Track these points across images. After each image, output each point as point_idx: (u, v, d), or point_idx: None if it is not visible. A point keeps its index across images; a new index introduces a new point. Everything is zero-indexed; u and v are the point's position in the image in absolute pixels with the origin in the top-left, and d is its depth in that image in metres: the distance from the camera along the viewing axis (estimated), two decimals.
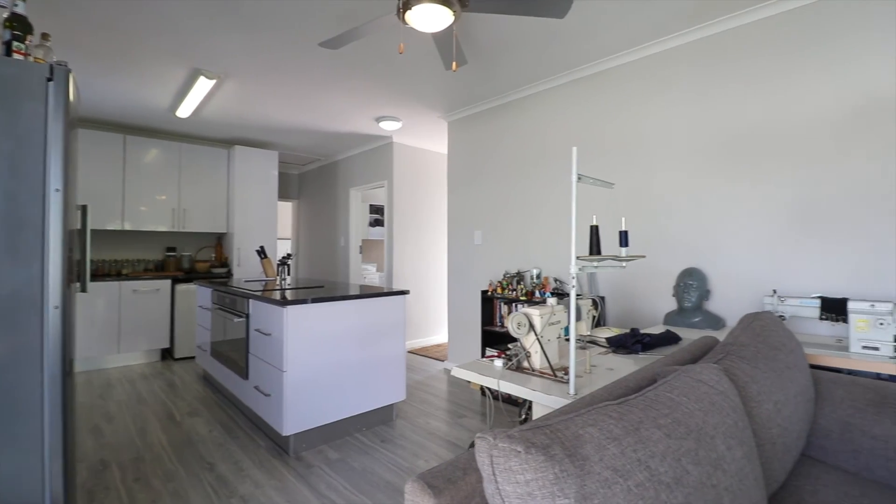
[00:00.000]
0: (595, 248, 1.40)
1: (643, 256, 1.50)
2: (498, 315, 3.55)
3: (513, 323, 1.59)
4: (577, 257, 1.36)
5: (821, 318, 1.90)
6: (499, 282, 3.52)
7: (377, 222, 7.61)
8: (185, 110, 4.19)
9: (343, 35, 2.31)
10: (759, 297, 2.39)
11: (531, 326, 1.56)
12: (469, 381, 1.61)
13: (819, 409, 1.56)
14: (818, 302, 1.91)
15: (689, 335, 2.24)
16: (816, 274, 2.22)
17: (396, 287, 5.29)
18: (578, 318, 1.76)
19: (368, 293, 2.88)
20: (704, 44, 2.65)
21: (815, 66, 2.26)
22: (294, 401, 2.50)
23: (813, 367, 1.82)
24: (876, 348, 1.75)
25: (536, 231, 3.53)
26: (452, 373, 1.60)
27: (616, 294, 3.01)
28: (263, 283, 3.72)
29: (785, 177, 2.34)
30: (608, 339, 1.93)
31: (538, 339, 1.54)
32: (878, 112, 2.09)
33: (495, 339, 3.50)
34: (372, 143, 5.57)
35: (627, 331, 2.02)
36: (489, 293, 3.57)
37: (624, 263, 1.44)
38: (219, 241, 5.65)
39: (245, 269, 5.36)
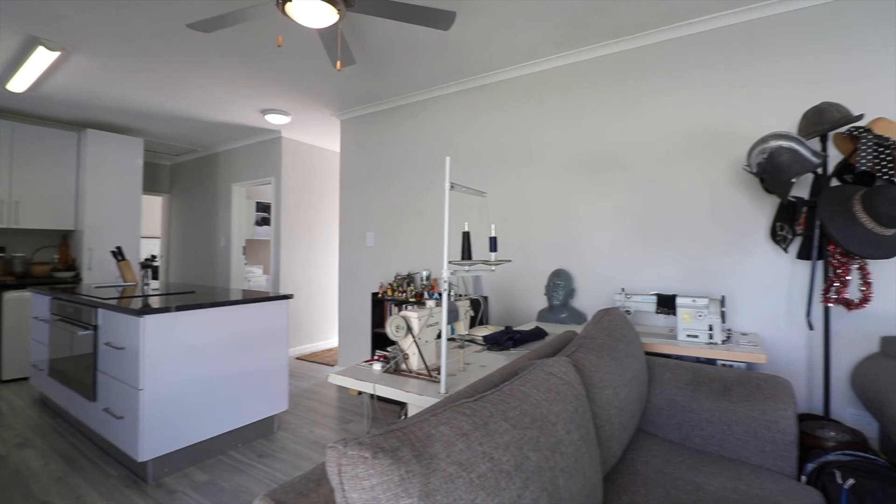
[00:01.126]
0: (466, 253, 1.47)
1: (509, 260, 1.62)
2: (388, 317, 3.55)
3: (391, 326, 1.61)
4: (449, 262, 1.42)
5: (657, 312, 2.23)
6: (389, 284, 3.53)
7: (264, 221, 7.13)
8: (19, 84, 3.50)
9: (216, 19, 2.12)
10: (614, 294, 2.73)
11: (409, 329, 1.59)
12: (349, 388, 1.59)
13: (652, 389, 1.82)
14: (655, 298, 2.24)
15: (555, 330, 2.47)
16: (657, 274, 2.61)
17: (284, 291, 5.00)
18: (456, 318, 1.84)
19: (246, 298, 2.68)
20: (571, 69, 2.95)
21: (657, 97, 2.65)
22: (152, 422, 2.23)
23: (650, 354, 2.13)
24: (696, 336, 2.11)
25: (427, 233, 3.61)
26: (329, 379, 1.57)
27: (498, 294, 3.20)
28: (120, 289, 3.26)
29: (633, 190, 2.71)
30: (484, 338, 2.05)
31: (415, 341, 1.58)
32: (703, 139, 2.52)
33: (386, 341, 3.50)
34: (258, 136, 5.20)
35: (502, 329, 2.16)
36: (379, 295, 3.56)
37: (493, 267, 1.54)
38: (64, 239, 4.81)
39: (99, 273, 4.64)
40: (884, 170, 1.77)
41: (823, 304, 1.99)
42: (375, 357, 1.74)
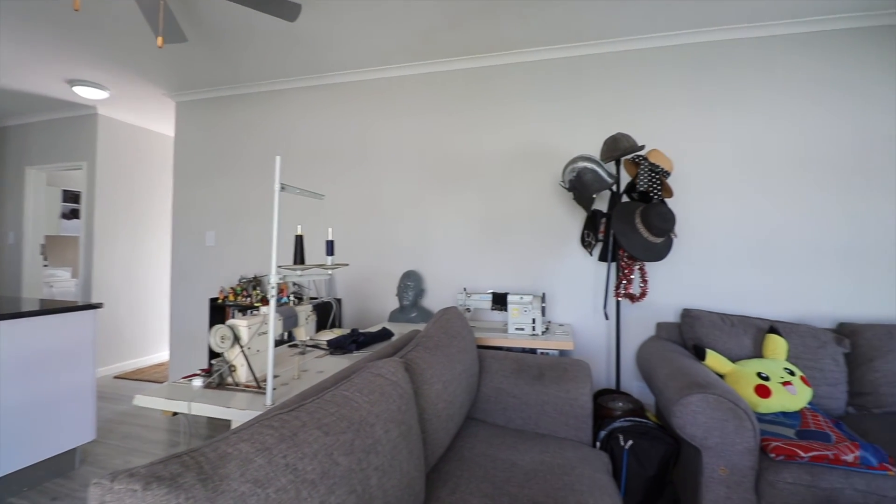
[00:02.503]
0: (299, 256, 1.43)
1: (346, 264, 1.62)
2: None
3: (215, 337, 1.48)
4: (280, 266, 1.36)
5: (492, 309, 2.46)
6: (232, 288, 3.23)
7: (75, 214, 5.90)
8: None
9: None
10: (457, 293, 2.93)
11: (237, 338, 1.48)
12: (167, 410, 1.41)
13: (482, 380, 2.01)
14: (490, 296, 2.47)
15: (405, 330, 2.55)
16: (495, 274, 2.87)
17: (99, 297, 4.21)
18: (295, 324, 1.77)
19: (34, 310, 2.19)
20: (425, 79, 3.08)
21: (499, 114, 2.92)
22: None
23: (485, 347, 2.34)
24: (523, 329, 2.38)
25: (280, 231, 3.39)
26: (134, 402, 1.37)
27: (352, 295, 3.18)
28: None
29: (476, 197, 2.94)
30: (329, 342, 2.02)
31: (243, 351, 1.48)
32: (534, 155, 2.85)
33: None
34: (63, 110, 4.28)
35: (348, 331, 2.16)
36: (220, 301, 3.23)
37: (329, 272, 1.52)
38: None
39: None
40: (655, 191, 2.24)
41: (616, 298, 2.42)
42: (198, 371, 1.58)
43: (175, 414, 1.41)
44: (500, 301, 2.45)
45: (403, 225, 3.09)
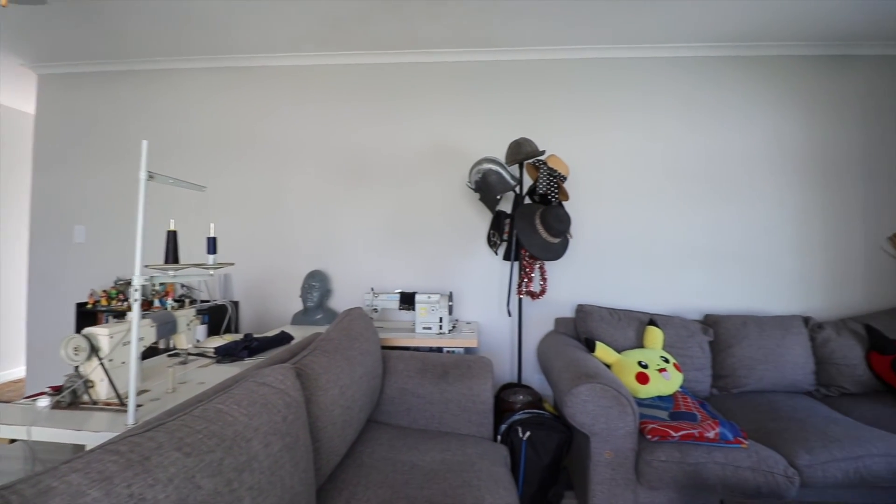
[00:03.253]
0: (172, 255, 1.28)
1: (232, 264, 1.49)
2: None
3: (67, 348, 1.27)
4: (146, 266, 1.20)
5: (400, 308, 2.43)
6: (105, 291, 2.83)
7: None
8: None
9: None
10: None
11: (94, 350, 1.28)
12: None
13: (386, 381, 1.97)
14: (398, 296, 2.44)
15: (307, 333, 2.42)
16: (405, 273, 2.85)
17: None
18: (174, 330, 1.59)
19: None
20: (336, 70, 2.95)
21: (410, 112, 2.89)
22: None
23: (391, 347, 2.30)
24: (430, 328, 2.38)
25: (163, 228, 3.04)
26: None
27: (252, 297, 2.95)
28: None
29: (387, 195, 2.89)
30: (217, 349, 1.84)
31: (102, 363, 1.28)
32: (444, 155, 2.86)
33: None
34: None
35: (241, 337, 1.99)
36: (90, 305, 2.82)
37: (211, 272, 1.38)
38: None
39: None
40: (553, 194, 2.36)
41: (518, 295, 2.52)
42: (46, 389, 1.35)
43: (13, 441, 1.19)
44: (408, 301, 2.43)
45: (310, 222, 2.94)
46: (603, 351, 2.21)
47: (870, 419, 2.01)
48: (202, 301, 2.78)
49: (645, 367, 2.10)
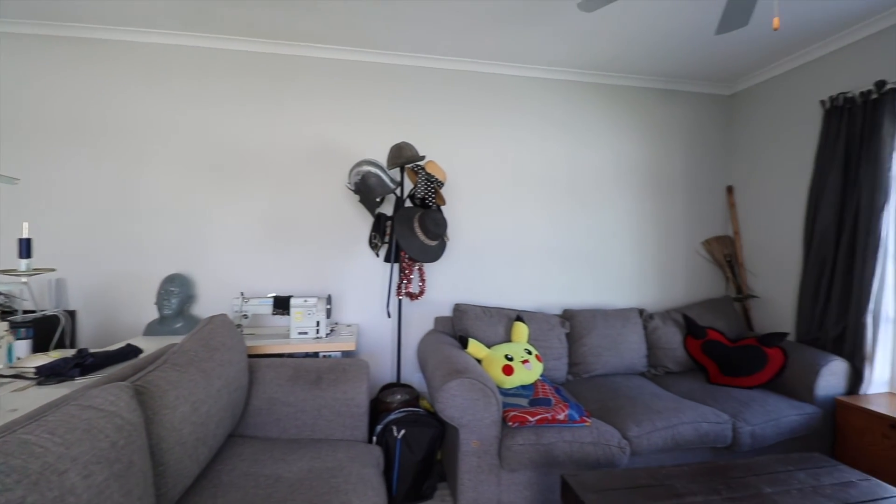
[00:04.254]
0: None
1: (52, 269, 1.29)
2: None
3: None
4: None
5: (273, 314, 2.31)
6: None
7: None
8: None
9: None
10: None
11: None
12: None
13: (253, 391, 1.86)
14: (272, 300, 2.32)
15: (162, 344, 2.18)
16: (282, 276, 2.71)
17: None
18: None
19: None
20: (203, 54, 2.68)
21: (291, 106, 2.76)
22: None
23: (263, 355, 2.18)
24: (306, 333, 2.31)
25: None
26: None
27: (92, 306, 2.56)
28: None
29: (263, 193, 2.72)
30: (39, 369, 1.57)
31: None
32: (327, 154, 2.78)
33: None
34: None
35: (74, 352, 1.72)
36: None
37: (24, 279, 1.18)
38: None
39: None
40: (430, 198, 2.45)
41: (398, 296, 2.57)
42: None
43: None
44: (282, 305, 2.32)
45: (170, 221, 2.64)
46: (475, 347, 2.35)
47: (685, 392, 2.45)
48: (25, 312, 2.34)
49: (511, 359, 2.29)
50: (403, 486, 2.01)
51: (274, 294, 2.48)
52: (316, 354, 2.29)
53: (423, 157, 2.54)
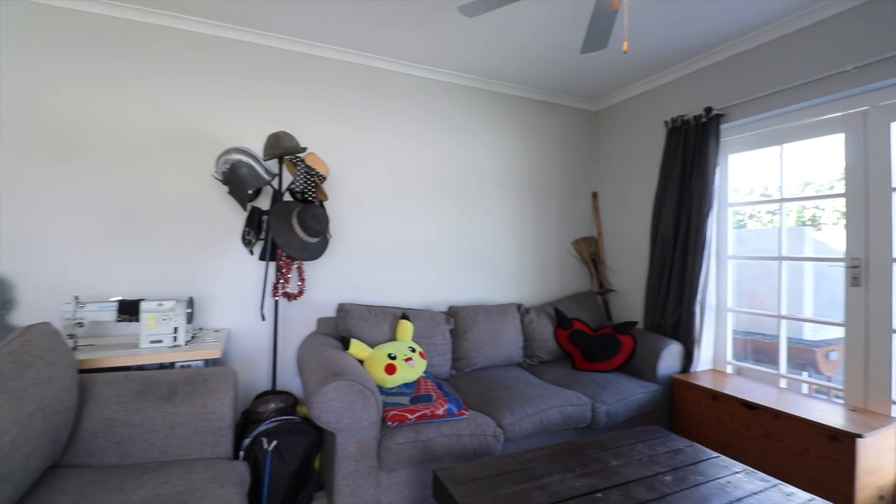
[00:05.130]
0: None
1: None
2: None
3: None
4: None
5: (118, 321, 2.00)
6: None
7: None
8: None
9: None
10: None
11: None
12: None
13: (85, 413, 1.58)
14: (116, 305, 2.00)
15: None
16: (132, 277, 2.36)
17: None
18: None
19: None
20: (22, 7, 2.21)
21: (149, 82, 2.39)
22: None
23: (99, 370, 1.87)
24: (161, 341, 2.03)
25: None
26: None
27: None
28: None
29: (108, 180, 2.34)
30: None
31: None
32: (192, 138, 2.48)
33: None
34: None
35: None
36: None
37: None
38: None
39: None
40: (310, 192, 2.32)
41: (274, 297, 2.40)
42: None
43: None
44: (129, 310, 2.01)
45: None
46: (357, 347, 2.29)
47: (555, 379, 2.66)
48: None
49: (394, 358, 2.27)
50: (275, 501, 1.87)
51: (119, 298, 2.14)
52: (172, 365, 2.03)
53: (304, 149, 2.41)
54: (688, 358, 2.80)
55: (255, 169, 2.22)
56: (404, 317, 2.59)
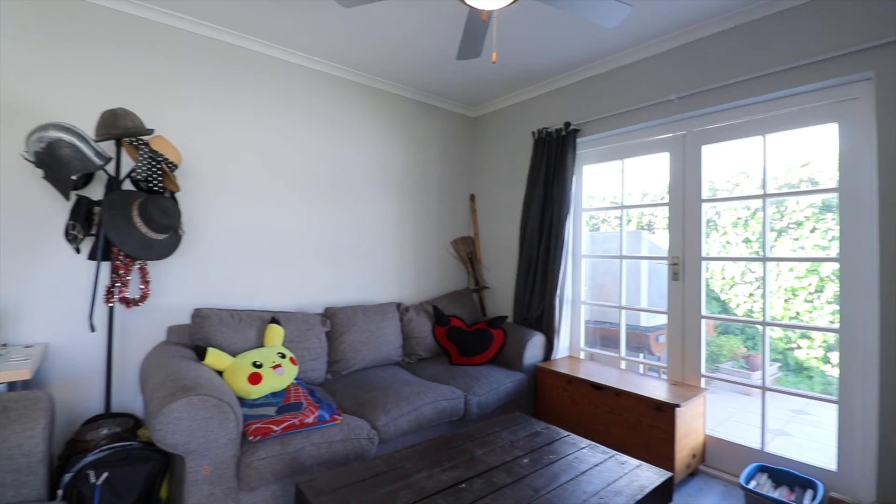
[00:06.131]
0: None
1: None
2: None
3: None
4: None
5: None
6: None
7: None
8: None
9: None
10: None
11: None
12: None
13: None
14: None
15: None
16: None
17: None
18: None
19: None
20: None
21: None
22: None
23: None
24: None
25: None
26: None
27: None
28: None
29: None
30: None
31: None
32: None
33: None
34: None
35: None
36: None
37: None
38: None
39: None
40: (155, 182, 2.03)
41: (107, 304, 2.04)
42: None
43: None
44: None
45: None
46: (215, 357, 2.06)
47: (432, 375, 2.71)
48: None
49: (260, 366, 2.09)
50: None
51: None
52: None
53: (150, 131, 2.09)
54: (549, 347, 3.08)
55: (82, 151, 1.86)
56: (274, 320, 2.41)
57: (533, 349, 2.95)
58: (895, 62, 1.87)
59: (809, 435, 3.32)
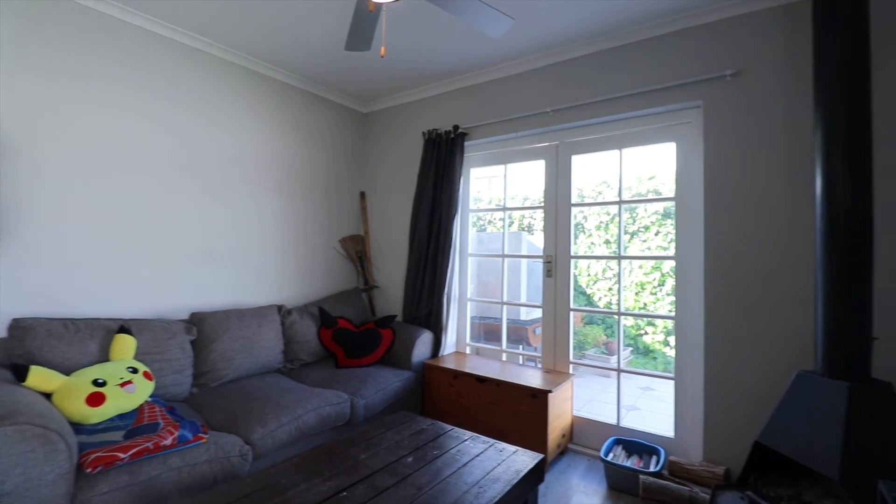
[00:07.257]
0: None
1: None
2: None
3: None
4: None
5: None
6: None
7: None
8: None
9: None
10: None
11: None
12: None
13: None
14: None
15: None
16: None
17: None
18: None
19: None
20: None
21: None
22: None
23: None
24: None
25: None
26: None
27: None
28: None
29: None
30: None
31: None
32: None
33: None
34: None
35: None
36: None
37: None
38: None
39: None
40: None
41: None
42: None
43: None
44: None
45: None
46: (40, 377, 1.70)
47: (316, 381, 2.58)
48: None
49: (102, 385, 1.78)
50: None
51: None
52: None
53: None
54: (437, 344, 3.14)
55: None
56: (123, 329, 2.08)
57: (421, 346, 2.98)
58: (719, 94, 2.27)
59: (654, 409, 3.88)
